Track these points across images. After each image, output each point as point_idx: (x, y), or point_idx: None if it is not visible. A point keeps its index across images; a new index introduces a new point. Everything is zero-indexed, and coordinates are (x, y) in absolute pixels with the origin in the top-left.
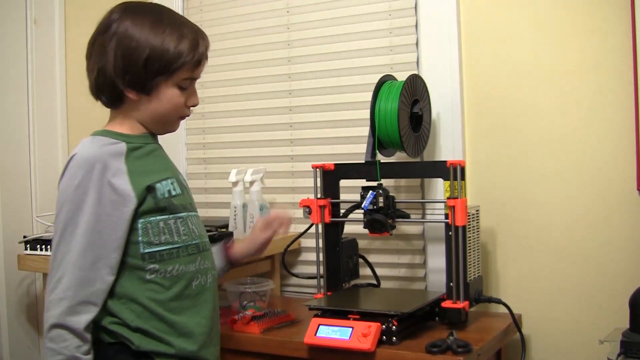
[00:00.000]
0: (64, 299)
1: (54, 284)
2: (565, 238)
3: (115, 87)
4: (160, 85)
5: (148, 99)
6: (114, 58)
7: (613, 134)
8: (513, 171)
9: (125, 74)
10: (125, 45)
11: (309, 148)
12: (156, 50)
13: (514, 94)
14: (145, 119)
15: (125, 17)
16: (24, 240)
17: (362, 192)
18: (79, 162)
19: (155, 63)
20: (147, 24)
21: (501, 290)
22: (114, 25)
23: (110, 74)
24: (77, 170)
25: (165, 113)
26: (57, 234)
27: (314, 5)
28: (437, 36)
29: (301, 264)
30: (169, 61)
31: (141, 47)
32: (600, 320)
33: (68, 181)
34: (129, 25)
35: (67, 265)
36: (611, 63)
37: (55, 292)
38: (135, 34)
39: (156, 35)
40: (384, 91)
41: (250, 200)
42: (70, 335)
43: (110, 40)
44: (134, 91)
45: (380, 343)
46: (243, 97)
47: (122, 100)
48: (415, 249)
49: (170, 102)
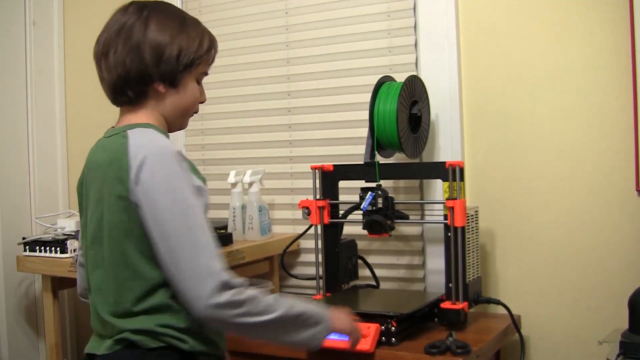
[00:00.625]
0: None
1: (195, 256)
2: (564, 239)
3: (146, 80)
4: (186, 78)
5: (175, 92)
6: (151, 51)
7: (612, 135)
8: (512, 172)
9: (159, 67)
10: (159, 39)
11: (308, 149)
12: (186, 42)
13: (513, 95)
14: (170, 112)
15: (152, 13)
16: (23, 242)
17: (361, 193)
18: (165, 151)
19: (185, 56)
20: (173, 18)
21: (500, 291)
22: (142, 21)
23: (143, 67)
24: (167, 159)
25: (187, 106)
26: (181, 216)
27: (312, 6)
28: (436, 37)
29: (300, 265)
30: (195, 54)
31: (174, 40)
32: (599, 321)
33: (160, 171)
34: (160, 20)
35: (207, 235)
36: (610, 64)
37: (210, 253)
38: (167, 28)
39: (184, 28)
40: (382, 92)
41: (249, 202)
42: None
43: (143, 34)
44: (163, 84)
45: (380, 344)
46: (242, 98)
47: (146, 96)
48: (414, 250)
49: (192, 95)
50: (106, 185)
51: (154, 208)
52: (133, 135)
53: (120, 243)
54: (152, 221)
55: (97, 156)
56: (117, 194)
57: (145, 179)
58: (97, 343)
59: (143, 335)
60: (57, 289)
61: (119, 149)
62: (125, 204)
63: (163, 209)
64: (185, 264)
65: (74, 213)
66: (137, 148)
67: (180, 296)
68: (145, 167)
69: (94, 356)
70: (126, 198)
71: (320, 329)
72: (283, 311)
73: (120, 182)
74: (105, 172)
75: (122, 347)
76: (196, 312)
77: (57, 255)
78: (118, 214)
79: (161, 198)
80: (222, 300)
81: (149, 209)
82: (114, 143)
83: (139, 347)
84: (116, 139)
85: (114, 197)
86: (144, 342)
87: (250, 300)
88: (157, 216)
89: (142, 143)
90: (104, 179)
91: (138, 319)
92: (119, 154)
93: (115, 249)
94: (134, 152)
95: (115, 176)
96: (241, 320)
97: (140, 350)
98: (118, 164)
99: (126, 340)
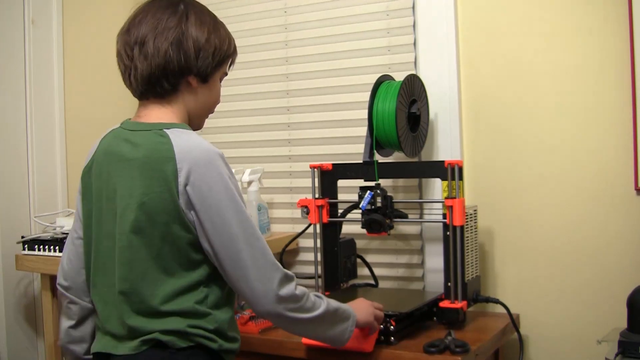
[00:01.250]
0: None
1: (260, 258)
2: (563, 238)
3: (184, 73)
4: (215, 75)
5: (206, 88)
6: (192, 44)
7: (611, 134)
8: (511, 171)
9: (198, 61)
10: (199, 33)
11: (307, 148)
12: (219, 40)
13: (512, 94)
14: (197, 108)
15: (190, 8)
16: (22, 241)
17: (360, 192)
18: (213, 153)
19: (219, 53)
20: (208, 15)
21: (499, 290)
22: (181, 14)
23: (184, 60)
24: (217, 162)
25: (212, 103)
26: (235, 219)
27: (311, 5)
28: (435, 36)
29: (299, 264)
30: (225, 53)
31: (211, 36)
32: (598, 320)
33: (214, 177)
34: (198, 16)
35: (259, 232)
36: (609, 63)
37: (270, 263)
38: (205, 24)
39: (217, 27)
40: (381, 91)
41: (248, 201)
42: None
43: (185, 27)
44: (197, 79)
45: (378, 343)
46: (241, 97)
47: (178, 89)
48: (413, 249)
49: (218, 93)
50: (142, 183)
51: (212, 214)
52: (174, 136)
53: (156, 244)
54: (211, 227)
55: (122, 149)
56: (160, 195)
57: (199, 184)
58: (112, 343)
59: (173, 335)
60: (56, 288)
61: (159, 148)
62: (169, 207)
63: (223, 214)
64: (253, 263)
65: (73, 212)
66: (184, 151)
67: (247, 295)
68: (197, 172)
69: (109, 356)
70: (172, 201)
71: (350, 323)
72: (325, 308)
73: (165, 184)
74: (140, 169)
75: (149, 347)
76: (263, 307)
77: (56, 254)
78: (158, 215)
79: (222, 204)
80: (286, 292)
81: (206, 214)
82: (149, 140)
83: (167, 347)
84: (151, 137)
85: (156, 197)
86: (174, 342)
87: (302, 296)
88: (217, 222)
89: (187, 145)
90: (138, 176)
91: (169, 320)
92: (161, 154)
93: (148, 248)
94: (180, 155)
95: (158, 176)
96: (295, 315)
97: (170, 350)
98: (161, 164)
99: (154, 341)
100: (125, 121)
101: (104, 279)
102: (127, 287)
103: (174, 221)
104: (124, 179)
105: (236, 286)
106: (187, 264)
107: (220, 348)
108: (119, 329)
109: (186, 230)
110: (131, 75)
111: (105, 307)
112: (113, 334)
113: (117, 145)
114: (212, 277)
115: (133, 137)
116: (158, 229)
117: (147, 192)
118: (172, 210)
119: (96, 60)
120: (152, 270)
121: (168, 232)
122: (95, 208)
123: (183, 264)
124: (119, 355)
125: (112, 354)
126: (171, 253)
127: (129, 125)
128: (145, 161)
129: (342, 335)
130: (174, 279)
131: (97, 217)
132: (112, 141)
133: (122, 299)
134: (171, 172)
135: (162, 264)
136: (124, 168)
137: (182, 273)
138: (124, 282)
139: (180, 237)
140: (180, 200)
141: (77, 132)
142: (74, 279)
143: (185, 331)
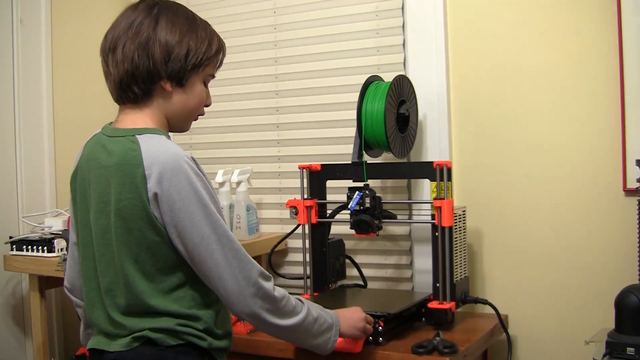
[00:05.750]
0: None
1: (233, 257)
2: (551, 239)
3: (153, 78)
4: (194, 78)
5: (182, 92)
6: (159, 48)
7: (599, 134)
8: (499, 172)
9: (167, 65)
10: (168, 37)
11: (296, 149)
12: (195, 43)
13: (501, 95)
14: (174, 113)
15: (162, 11)
16: (10, 241)
17: (349, 193)
18: (180, 157)
19: (194, 56)
20: (183, 18)
21: (487, 291)
22: (151, 18)
23: (151, 64)
24: (184, 166)
25: (193, 107)
26: (205, 220)
27: (301, 5)
28: (424, 37)
29: (288, 265)
30: (204, 55)
31: (184, 39)
32: (586, 320)
33: (181, 182)
34: (170, 19)
35: (230, 232)
36: (597, 63)
37: (244, 262)
38: (177, 27)
39: (194, 29)
40: (370, 92)
41: (237, 201)
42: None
43: (153, 31)
44: (170, 83)
45: (367, 343)
46: (230, 97)
47: (152, 94)
48: (401, 250)
49: (198, 96)
50: (116, 190)
51: (182, 217)
52: (144, 141)
53: (134, 250)
54: (182, 230)
55: (99, 155)
56: (131, 202)
57: (167, 189)
58: (105, 340)
59: (163, 333)
60: (44, 289)
61: (130, 154)
62: (141, 213)
63: (193, 217)
64: (227, 263)
65: (61, 212)
66: (152, 156)
67: (223, 295)
68: (164, 177)
69: (102, 352)
70: (142, 207)
71: (333, 332)
72: (304, 314)
73: (136, 191)
74: (113, 176)
75: (140, 344)
76: (240, 307)
77: (45, 254)
78: (132, 222)
79: (190, 208)
80: (262, 292)
81: (177, 218)
82: (121, 146)
83: (157, 344)
84: (124, 143)
85: (128, 204)
86: (163, 340)
87: (282, 298)
88: (187, 226)
89: (155, 151)
90: (113, 183)
91: (159, 319)
92: (131, 161)
93: (127, 253)
94: (148, 160)
95: (129, 183)
96: (273, 319)
97: (160, 347)
98: (131, 171)
99: (144, 338)
100: (105, 126)
101: (91, 282)
102: (113, 292)
103: (147, 227)
104: (102, 185)
105: (212, 287)
106: (166, 269)
107: (210, 346)
108: (110, 329)
109: (159, 235)
110: (109, 80)
111: (94, 309)
112: (105, 333)
113: (96, 152)
114: (194, 279)
115: (108, 144)
116: (134, 235)
117: (120, 198)
118: (144, 216)
119: (85, 60)
120: (134, 276)
121: (143, 237)
122: (82, 213)
123: (161, 268)
124: (112, 352)
125: (105, 350)
126: (149, 258)
127: (107, 131)
128: (117, 168)
129: (325, 344)
130: (155, 283)
131: (83, 222)
132: (93, 147)
133: (109, 303)
134: (140, 178)
135: (142, 269)
136: (101, 175)
137: (162, 277)
138: (109, 287)
139: (155, 242)
140: (150, 205)
141: (65, 132)
142: (75, 282)
143: (175, 329)
